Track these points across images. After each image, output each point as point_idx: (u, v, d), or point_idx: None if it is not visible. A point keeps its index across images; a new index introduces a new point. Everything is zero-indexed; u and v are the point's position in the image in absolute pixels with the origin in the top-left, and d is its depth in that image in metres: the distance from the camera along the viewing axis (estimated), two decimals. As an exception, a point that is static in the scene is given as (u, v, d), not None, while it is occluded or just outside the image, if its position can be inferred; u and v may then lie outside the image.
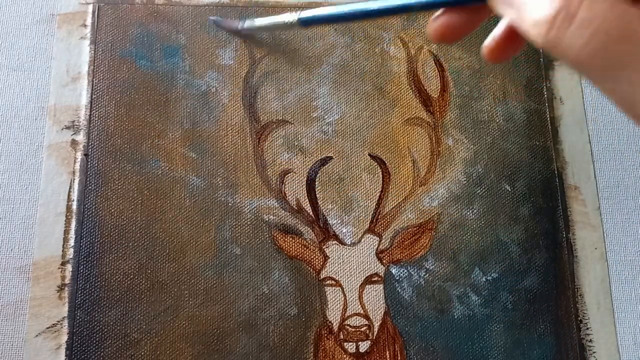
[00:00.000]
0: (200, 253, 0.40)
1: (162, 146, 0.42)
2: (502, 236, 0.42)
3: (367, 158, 0.43)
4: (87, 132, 0.42)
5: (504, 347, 0.40)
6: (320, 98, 0.44)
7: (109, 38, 0.44)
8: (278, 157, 0.43)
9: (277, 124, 0.43)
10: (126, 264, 0.40)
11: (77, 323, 0.38)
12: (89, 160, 0.42)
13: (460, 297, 0.41)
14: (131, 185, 0.41)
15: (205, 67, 0.44)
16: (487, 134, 0.44)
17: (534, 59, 0.46)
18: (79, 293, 0.39)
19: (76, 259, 0.40)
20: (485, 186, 0.43)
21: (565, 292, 0.41)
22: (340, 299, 0.40)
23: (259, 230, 0.41)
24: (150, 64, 0.44)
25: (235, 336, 0.39)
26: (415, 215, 0.42)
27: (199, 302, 0.39)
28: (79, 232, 0.40)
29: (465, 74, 0.45)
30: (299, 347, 0.39)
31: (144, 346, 0.38)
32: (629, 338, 0.41)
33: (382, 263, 0.41)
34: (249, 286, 0.40)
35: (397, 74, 0.45)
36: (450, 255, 0.41)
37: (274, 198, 0.42)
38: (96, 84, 0.43)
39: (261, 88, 0.44)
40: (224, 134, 0.43)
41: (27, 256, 0.40)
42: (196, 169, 0.42)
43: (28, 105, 0.43)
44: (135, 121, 0.42)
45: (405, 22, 0.46)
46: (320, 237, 0.41)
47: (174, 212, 0.41)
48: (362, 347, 0.39)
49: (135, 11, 0.45)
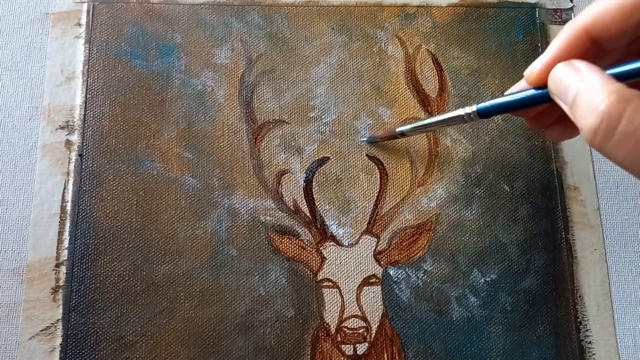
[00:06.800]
0: (196, 254, 0.40)
1: (158, 146, 0.42)
2: (501, 237, 0.42)
3: (364, 158, 0.43)
4: (82, 132, 0.42)
5: (503, 349, 0.39)
6: (318, 98, 0.44)
7: (104, 37, 0.44)
8: (275, 158, 0.42)
9: (273, 124, 0.43)
10: (121, 265, 0.39)
11: (71, 325, 0.38)
12: (84, 160, 0.41)
13: (458, 298, 0.40)
14: (126, 185, 0.41)
15: (201, 66, 0.44)
16: (486, 134, 0.44)
17: (533, 58, 0.45)
18: (73, 295, 0.39)
19: (70, 260, 0.39)
20: (483, 187, 0.43)
21: (564, 293, 0.41)
22: (338, 301, 0.40)
23: (255, 231, 0.41)
24: (145, 64, 0.43)
25: (231, 338, 0.38)
26: (414, 216, 0.42)
27: (195, 304, 0.39)
28: (73, 233, 0.40)
29: (464, 73, 0.45)
30: (295, 349, 0.39)
31: (139, 349, 0.38)
32: (628, 340, 0.40)
33: (380, 264, 0.41)
34: (246, 288, 0.39)
35: (395, 73, 0.45)
36: (449, 256, 0.41)
37: (271, 199, 0.41)
38: (91, 83, 0.43)
39: (258, 87, 0.44)
40: (220, 134, 0.42)
41: (21, 258, 0.39)
42: (192, 170, 0.41)
43: (22, 105, 0.42)
44: (130, 121, 0.42)
45: (403, 21, 0.46)
46: (317, 238, 0.41)
47: (169, 213, 0.40)
48: (360, 350, 0.39)
49: (130, 10, 0.44)
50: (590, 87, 0.24)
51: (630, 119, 0.22)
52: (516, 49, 0.46)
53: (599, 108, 0.22)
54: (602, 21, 0.26)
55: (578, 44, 0.27)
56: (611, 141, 0.22)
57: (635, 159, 0.22)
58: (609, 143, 0.22)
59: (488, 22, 0.46)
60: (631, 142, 0.22)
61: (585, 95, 0.24)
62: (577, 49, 0.27)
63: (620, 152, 0.22)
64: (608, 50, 0.27)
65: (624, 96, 0.22)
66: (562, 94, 0.26)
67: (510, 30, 0.46)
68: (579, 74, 0.25)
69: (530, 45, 0.46)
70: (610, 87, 0.23)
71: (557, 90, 0.26)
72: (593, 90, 0.23)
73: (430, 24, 0.46)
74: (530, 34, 0.46)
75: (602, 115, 0.22)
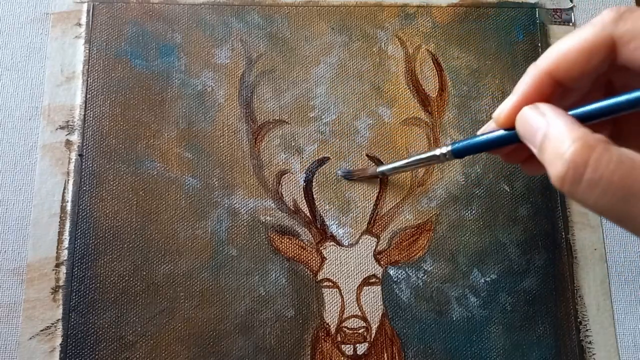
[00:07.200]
0: (196, 254, 0.40)
1: (158, 146, 0.42)
2: (501, 237, 0.42)
3: (364, 158, 0.43)
4: (82, 132, 0.42)
5: (503, 349, 0.39)
6: (318, 98, 0.44)
7: (104, 37, 0.44)
8: (275, 158, 0.42)
9: (273, 124, 0.43)
10: (121, 265, 0.39)
11: (71, 325, 0.38)
12: (84, 160, 0.41)
13: (458, 298, 0.40)
14: (126, 186, 0.41)
15: (201, 66, 0.44)
16: (486, 134, 0.44)
17: (533, 58, 0.45)
18: (73, 295, 0.39)
19: (70, 260, 0.39)
20: (483, 187, 0.43)
21: (564, 293, 0.41)
22: (338, 301, 0.40)
23: (255, 231, 0.41)
24: (145, 63, 0.43)
25: (231, 338, 0.38)
26: (414, 216, 0.42)
27: (195, 304, 0.39)
28: (73, 233, 0.40)
29: (464, 73, 0.45)
30: (295, 349, 0.39)
31: (139, 349, 0.38)
32: (628, 340, 0.40)
33: (380, 264, 0.41)
34: (246, 288, 0.39)
35: (395, 73, 0.45)
36: (449, 256, 0.41)
37: (271, 199, 0.41)
38: (91, 83, 0.43)
39: (258, 87, 0.44)
40: (220, 134, 0.42)
41: (21, 258, 0.39)
42: (192, 170, 0.41)
43: (22, 105, 0.42)
44: (130, 121, 0.42)
45: (403, 21, 0.46)
46: (317, 238, 0.41)
47: (169, 213, 0.40)
48: (360, 350, 0.39)
49: (130, 10, 0.44)
50: (556, 133, 0.24)
51: (595, 167, 0.22)
52: (516, 49, 0.46)
53: (565, 156, 0.22)
54: (564, 64, 0.26)
55: (543, 86, 0.27)
56: (579, 188, 0.22)
57: (604, 204, 0.22)
58: (577, 190, 0.22)
59: (488, 22, 0.46)
60: (598, 189, 0.22)
61: (551, 141, 0.24)
62: (542, 90, 0.27)
63: (589, 198, 0.22)
64: (572, 89, 0.27)
65: (588, 143, 0.22)
66: (530, 137, 0.26)
67: (510, 30, 0.46)
68: (544, 119, 0.25)
69: (530, 45, 0.46)
70: (575, 134, 0.23)
71: (524, 134, 0.26)
72: (558, 137, 0.23)
73: (430, 24, 0.46)
74: (530, 34, 0.46)
75: (567, 163, 0.22)
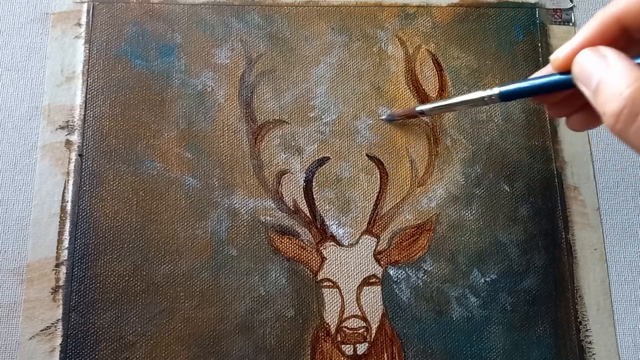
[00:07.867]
0: (196, 254, 0.40)
1: (158, 146, 0.42)
2: (501, 237, 0.42)
3: (364, 158, 0.43)
4: (82, 132, 0.42)
5: (503, 349, 0.39)
6: (318, 98, 0.44)
7: (104, 37, 0.44)
8: (275, 158, 0.42)
9: (273, 124, 0.43)
10: (121, 265, 0.39)
11: (71, 325, 0.38)
12: (84, 160, 0.41)
13: (458, 298, 0.40)
14: (126, 185, 0.41)
15: (201, 66, 0.44)
16: (486, 134, 0.44)
17: (533, 58, 0.46)
18: (73, 295, 0.39)
19: (70, 260, 0.39)
20: (483, 187, 0.43)
21: (564, 293, 0.41)
22: (338, 301, 0.40)
23: (255, 231, 0.41)
24: (145, 63, 0.43)
25: (231, 338, 0.38)
26: (414, 216, 0.42)
27: (195, 304, 0.39)
28: (73, 233, 0.40)
29: (464, 73, 0.45)
30: (295, 349, 0.39)
31: (139, 349, 0.38)
32: (628, 340, 0.40)
33: (380, 264, 0.41)
34: (245, 288, 0.39)
35: (395, 73, 0.45)
36: (449, 256, 0.41)
37: (271, 199, 0.41)
38: (91, 83, 0.43)
39: (258, 87, 0.44)
40: (220, 134, 0.42)
41: (21, 258, 0.39)
42: (192, 170, 0.41)
43: (22, 105, 0.42)
44: (130, 121, 0.42)
45: (403, 21, 0.46)
46: (317, 238, 0.41)
47: (169, 213, 0.40)
48: (360, 350, 0.39)
49: (130, 10, 0.44)
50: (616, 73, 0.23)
51: None
52: (516, 49, 0.46)
53: (624, 94, 0.22)
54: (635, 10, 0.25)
55: (607, 32, 0.26)
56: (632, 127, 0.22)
57: None
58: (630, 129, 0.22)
59: (488, 22, 0.46)
60: None
61: (609, 81, 0.23)
62: (606, 36, 0.26)
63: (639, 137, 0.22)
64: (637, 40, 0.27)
65: None
66: (586, 79, 0.25)
67: (510, 30, 0.46)
68: (604, 60, 0.24)
69: (530, 45, 0.46)
70: (636, 74, 0.23)
71: (581, 75, 0.26)
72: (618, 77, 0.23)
73: (430, 24, 0.46)
74: (530, 34, 0.46)
75: (625, 100, 0.22)
